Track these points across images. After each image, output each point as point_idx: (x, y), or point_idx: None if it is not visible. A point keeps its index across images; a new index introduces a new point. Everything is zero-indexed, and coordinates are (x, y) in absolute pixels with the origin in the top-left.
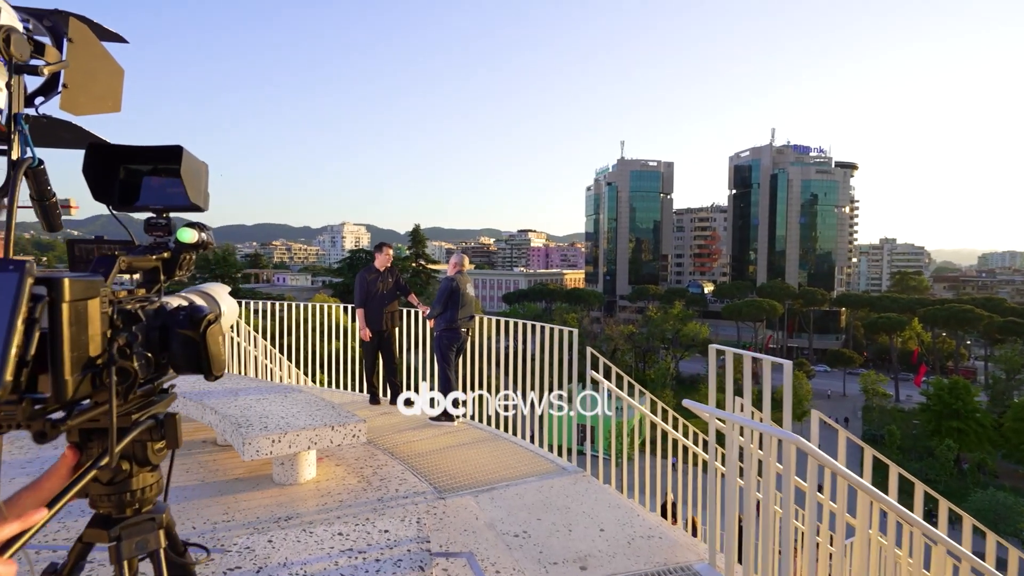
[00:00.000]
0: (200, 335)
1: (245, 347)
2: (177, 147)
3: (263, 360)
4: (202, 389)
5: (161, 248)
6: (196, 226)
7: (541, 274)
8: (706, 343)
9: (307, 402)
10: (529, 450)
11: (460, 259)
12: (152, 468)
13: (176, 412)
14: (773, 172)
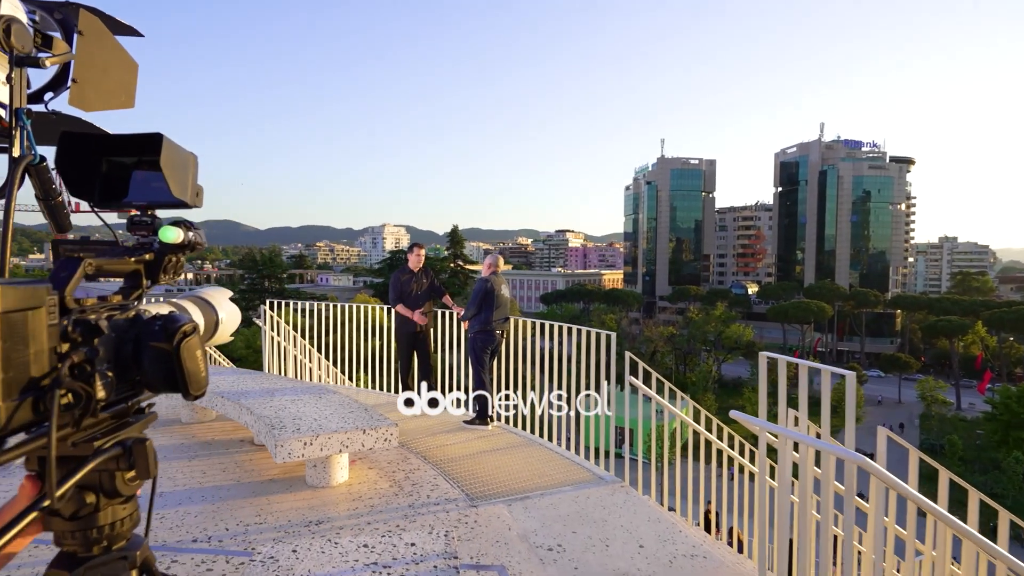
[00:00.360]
0: (174, 349)
1: (284, 346)
2: (156, 135)
3: (302, 359)
4: (240, 389)
5: (144, 249)
6: (182, 224)
7: (579, 274)
8: (750, 346)
9: (340, 404)
10: (565, 457)
11: (495, 260)
12: (125, 500)
13: (147, 438)
14: (822, 168)
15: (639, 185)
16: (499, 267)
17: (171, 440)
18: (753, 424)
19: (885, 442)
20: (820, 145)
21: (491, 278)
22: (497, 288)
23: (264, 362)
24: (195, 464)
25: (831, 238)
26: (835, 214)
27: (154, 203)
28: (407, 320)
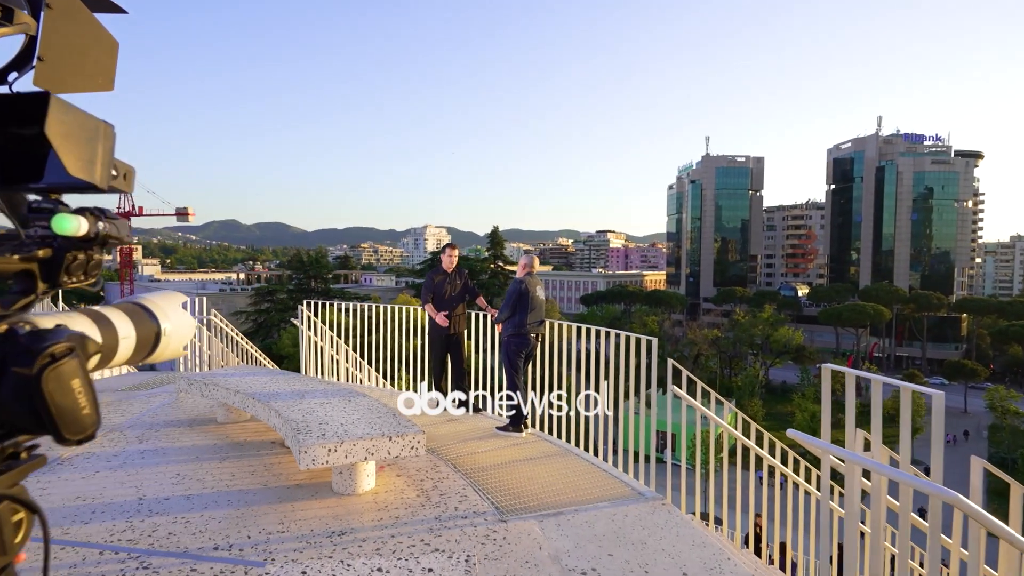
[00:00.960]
0: (34, 377)
1: (322, 346)
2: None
3: (339, 359)
4: (271, 391)
5: (38, 244)
6: (87, 212)
7: (620, 275)
8: (800, 350)
9: (369, 408)
10: (602, 469)
11: (530, 260)
12: None
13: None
14: (879, 164)
15: (683, 184)
16: (534, 268)
17: (205, 440)
18: (817, 447)
19: (981, 475)
20: (877, 140)
21: (525, 279)
22: (531, 290)
23: (301, 362)
24: (225, 466)
25: (889, 237)
26: (894, 212)
27: (55, 185)
28: (439, 324)
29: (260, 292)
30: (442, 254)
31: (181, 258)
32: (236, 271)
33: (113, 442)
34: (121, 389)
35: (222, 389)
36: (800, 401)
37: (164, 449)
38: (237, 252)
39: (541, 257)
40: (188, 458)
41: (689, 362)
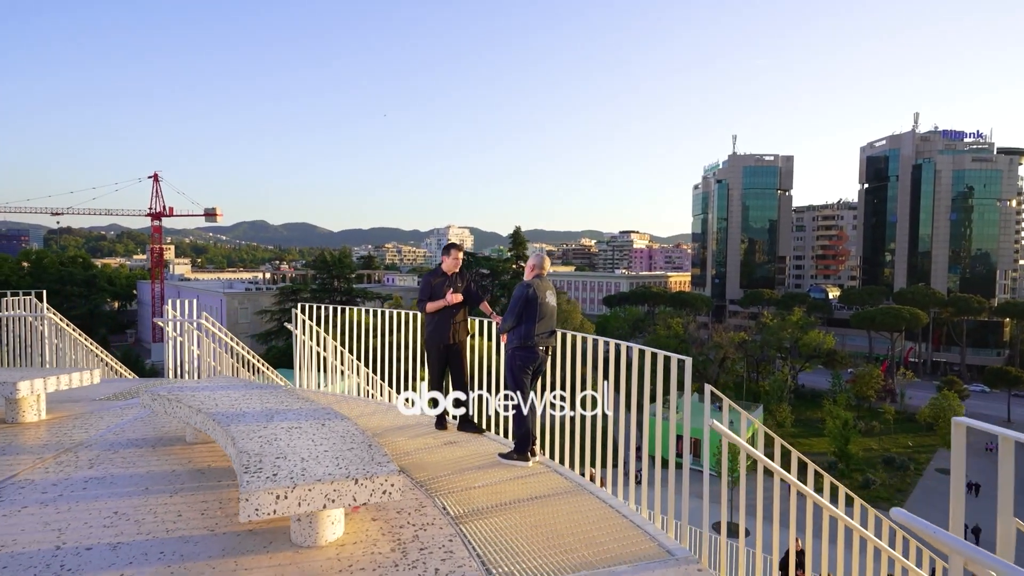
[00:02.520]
0: None
1: (318, 351)
2: None
3: (336, 364)
4: (239, 409)
5: None
6: None
7: (644, 277)
8: (831, 354)
9: (343, 436)
10: (621, 514)
11: (539, 260)
12: None
13: None
14: (916, 162)
15: (709, 184)
16: (544, 270)
17: (164, 465)
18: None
19: None
20: (914, 137)
21: (534, 283)
22: (541, 295)
23: (295, 370)
24: (175, 501)
25: (926, 238)
26: (931, 212)
27: None
28: (438, 329)
29: (284, 291)
30: (445, 255)
31: (211, 258)
32: (263, 270)
33: (61, 466)
34: (99, 399)
35: (184, 407)
36: (831, 407)
37: (113, 477)
38: (265, 252)
39: (563, 258)
40: (136, 490)
41: (715, 365)
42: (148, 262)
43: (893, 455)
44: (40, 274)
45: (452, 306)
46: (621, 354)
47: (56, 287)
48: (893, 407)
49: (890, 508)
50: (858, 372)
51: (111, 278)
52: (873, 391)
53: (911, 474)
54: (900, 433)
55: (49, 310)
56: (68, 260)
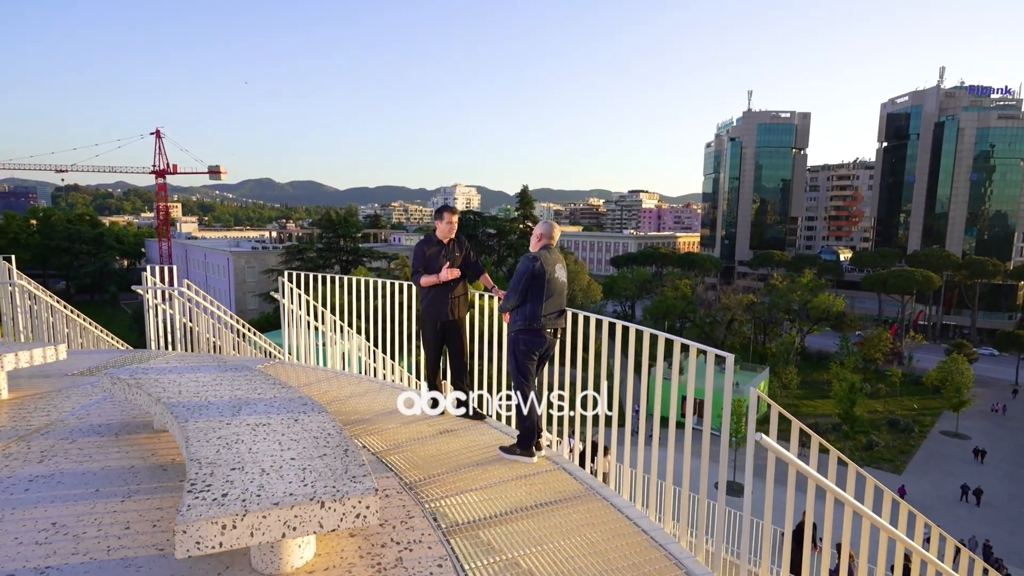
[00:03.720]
0: None
1: (309, 321)
2: None
3: (333, 336)
4: (204, 399)
5: None
6: None
7: (652, 237)
8: (839, 316)
9: (317, 437)
10: (640, 528)
11: (547, 229)
12: None
13: None
14: (939, 120)
15: (721, 142)
16: (553, 239)
17: (124, 459)
18: None
19: None
20: (938, 93)
21: (541, 255)
22: (549, 270)
23: (283, 342)
24: (127, 507)
25: (944, 199)
26: (951, 172)
27: None
28: (434, 304)
29: (290, 250)
30: (438, 219)
31: (218, 216)
32: (269, 229)
33: (7, 460)
34: (72, 373)
35: (144, 394)
36: (838, 370)
37: (63, 475)
38: (271, 210)
39: (571, 217)
40: (85, 492)
41: (722, 327)
42: (156, 220)
43: (898, 417)
44: (48, 232)
45: (450, 279)
46: (657, 344)
47: (64, 245)
48: (900, 370)
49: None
50: (866, 335)
51: (119, 236)
52: (881, 354)
53: (915, 436)
54: (906, 396)
55: (20, 276)
56: (76, 218)
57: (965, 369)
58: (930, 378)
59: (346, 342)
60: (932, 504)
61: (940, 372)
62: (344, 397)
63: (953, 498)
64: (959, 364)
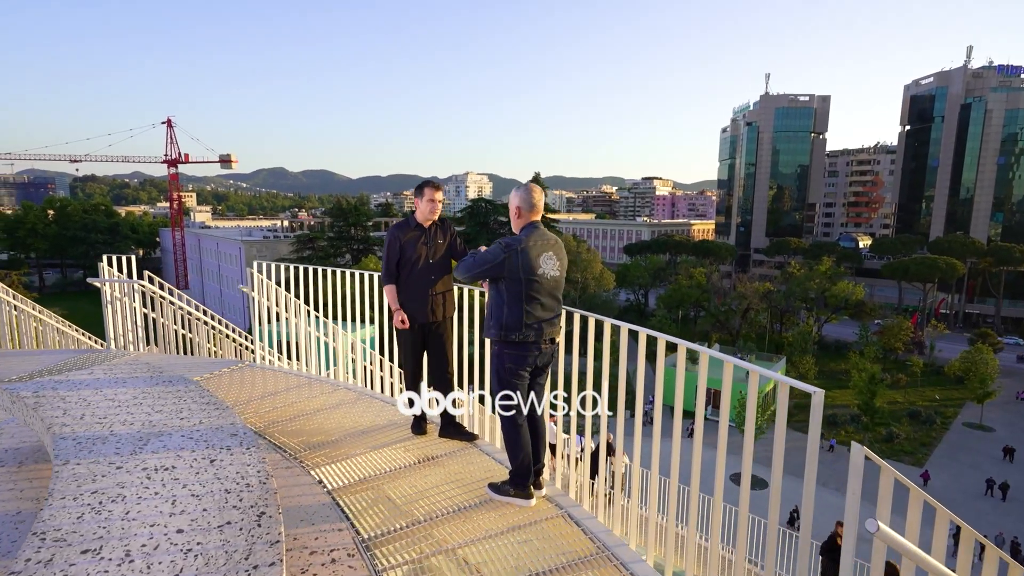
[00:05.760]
0: None
1: (278, 312)
2: None
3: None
4: (107, 428)
5: None
6: None
7: (666, 224)
8: (860, 305)
9: (227, 492)
10: None
11: (525, 196)
12: None
13: None
14: (965, 101)
15: (738, 127)
16: (536, 211)
17: (13, 501)
18: None
19: None
20: (965, 73)
21: (523, 239)
22: (532, 256)
23: (255, 343)
24: None
25: (969, 184)
26: (977, 155)
27: None
28: (411, 302)
29: (301, 239)
30: (418, 197)
31: (232, 205)
32: (281, 218)
33: None
34: (12, 378)
35: (39, 419)
36: (857, 360)
37: None
38: (285, 199)
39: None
40: None
41: (737, 316)
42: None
43: (919, 408)
44: (65, 222)
45: (429, 270)
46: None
47: (81, 235)
48: (921, 360)
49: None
50: (886, 324)
51: (134, 226)
52: (901, 343)
53: (937, 428)
54: (927, 386)
55: None
56: (91, 208)
57: (990, 359)
58: (953, 368)
59: (330, 339)
60: (955, 497)
61: (963, 362)
62: (311, 411)
63: (977, 492)
64: (983, 354)
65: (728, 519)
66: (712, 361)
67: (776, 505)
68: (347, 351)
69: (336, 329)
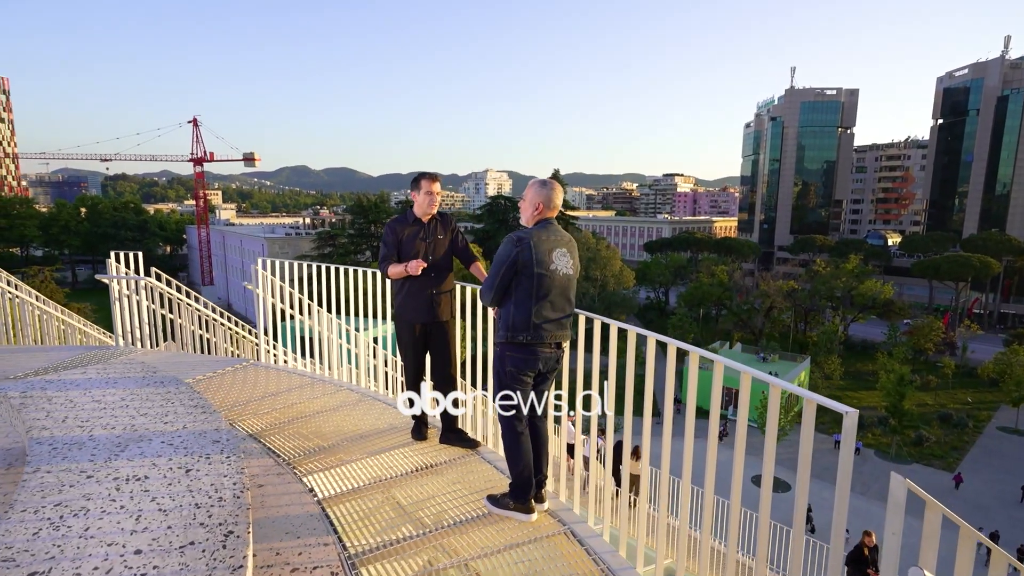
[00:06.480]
0: None
1: (283, 309)
2: None
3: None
4: (86, 432)
5: None
6: None
7: (687, 222)
8: (888, 304)
9: (198, 506)
10: None
11: (544, 192)
12: None
13: None
14: (1002, 93)
15: (762, 122)
16: (551, 208)
17: None
18: None
19: None
20: (1002, 64)
21: (532, 235)
22: (543, 257)
23: (259, 340)
24: None
25: (1005, 179)
26: (1014, 149)
27: None
28: (410, 301)
29: (322, 236)
30: (415, 191)
31: (256, 203)
32: (303, 216)
33: None
34: (13, 376)
35: (21, 420)
36: (885, 360)
37: None
38: (307, 197)
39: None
40: None
41: (760, 315)
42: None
43: (950, 411)
44: (96, 220)
45: (431, 269)
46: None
47: (111, 232)
48: (953, 361)
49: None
50: (916, 323)
51: (161, 223)
52: (932, 344)
53: (969, 432)
54: (959, 388)
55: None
56: (121, 206)
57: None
58: (987, 370)
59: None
60: (988, 504)
61: (998, 364)
62: (311, 413)
63: (1013, 499)
64: (1020, 356)
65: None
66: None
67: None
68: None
69: (342, 325)
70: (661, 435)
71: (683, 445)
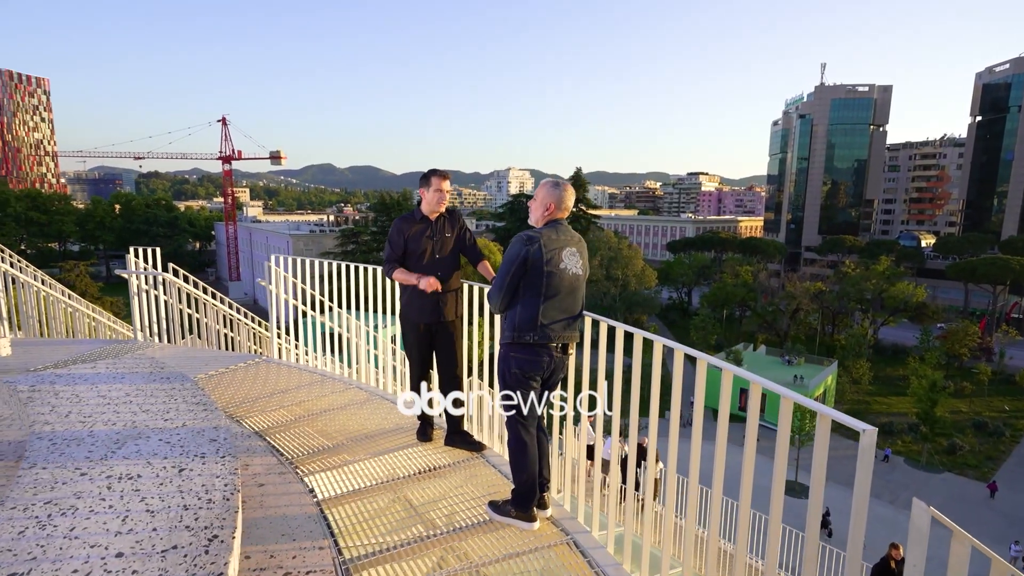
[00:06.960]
0: None
1: (295, 305)
2: None
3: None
4: (87, 428)
5: None
6: None
7: (712, 221)
8: (921, 307)
9: (186, 507)
10: None
11: (555, 193)
12: None
13: None
14: None
15: (790, 120)
16: (562, 210)
17: None
18: None
19: None
20: None
21: (542, 235)
22: (552, 256)
23: (271, 332)
24: None
25: None
26: None
27: None
28: (417, 301)
29: (345, 233)
30: (424, 187)
31: (282, 200)
32: (328, 213)
33: None
34: (34, 368)
35: (26, 414)
36: (917, 365)
37: None
38: (332, 195)
39: (626, 201)
40: None
41: (786, 317)
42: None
43: (985, 419)
44: (129, 216)
45: (436, 265)
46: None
47: (143, 228)
48: (989, 367)
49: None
50: (950, 328)
51: (191, 220)
52: (967, 349)
53: (1006, 441)
54: (995, 396)
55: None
56: (153, 203)
57: None
58: None
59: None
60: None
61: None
62: (318, 412)
63: None
64: None
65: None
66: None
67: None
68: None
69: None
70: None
71: (691, 448)
